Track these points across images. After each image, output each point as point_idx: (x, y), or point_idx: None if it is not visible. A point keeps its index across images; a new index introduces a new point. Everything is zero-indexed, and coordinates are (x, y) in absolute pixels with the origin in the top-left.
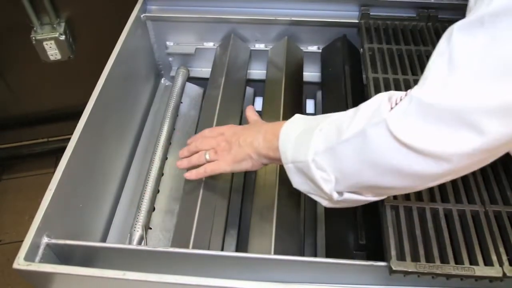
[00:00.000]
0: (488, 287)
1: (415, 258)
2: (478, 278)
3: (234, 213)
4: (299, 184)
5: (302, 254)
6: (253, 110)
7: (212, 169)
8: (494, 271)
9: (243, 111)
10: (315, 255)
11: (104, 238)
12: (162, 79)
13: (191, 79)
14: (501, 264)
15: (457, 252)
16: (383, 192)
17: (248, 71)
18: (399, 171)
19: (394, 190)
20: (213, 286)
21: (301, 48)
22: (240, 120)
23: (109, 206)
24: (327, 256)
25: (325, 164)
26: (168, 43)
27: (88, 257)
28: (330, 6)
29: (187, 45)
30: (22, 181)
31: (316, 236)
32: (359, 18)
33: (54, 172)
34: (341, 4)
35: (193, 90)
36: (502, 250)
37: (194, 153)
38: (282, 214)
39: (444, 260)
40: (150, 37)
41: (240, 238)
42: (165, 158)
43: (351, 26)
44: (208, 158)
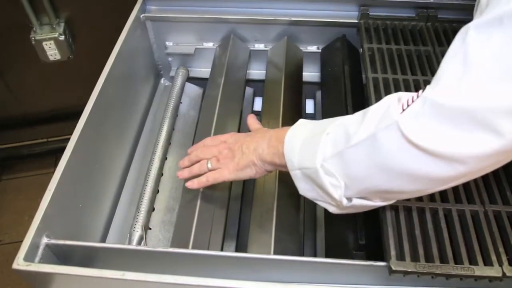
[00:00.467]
0: (487, 287)
1: (415, 258)
2: (477, 278)
3: (233, 213)
4: (306, 191)
5: (302, 254)
6: (254, 119)
7: (214, 177)
8: (494, 271)
9: (243, 111)
10: (315, 255)
11: (103, 239)
12: (162, 79)
13: (191, 79)
14: (500, 264)
15: (456, 252)
16: (393, 196)
17: (247, 71)
18: (412, 175)
19: (404, 194)
20: (212, 286)
21: (300, 48)
22: (239, 120)
23: (108, 206)
24: (327, 256)
25: (333, 169)
26: (167, 43)
27: (87, 257)
28: (330, 6)
29: (187, 45)
30: (22, 181)
31: (315, 236)
32: (359, 18)
33: (54, 172)
34: (340, 4)
35: (192, 90)
36: (501, 250)
37: (195, 162)
38: (282, 214)
39: (443, 260)
40: (149, 37)
41: (239, 238)
42: (164, 158)
43: (351, 26)
44: (210, 166)
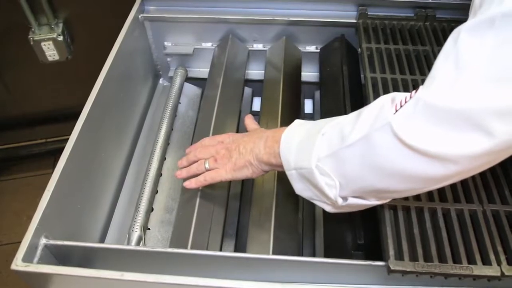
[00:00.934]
0: (486, 287)
1: (413, 257)
2: (476, 278)
3: (232, 213)
4: (302, 190)
5: (301, 254)
6: (252, 119)
7: (212, 177)
8: (492, 271)
9: (241, 111)
10: (314, 255)
11: (102, 239)
12: (160, 80)
13: (189, 80)
14: (499, 263)
15: (455, 251)
16: (387, 195)
17: (246, 71)
18: (405, 174)
19: (398, 193)
20: (211, 286)
21: (299, 48)
22: (238, 120)
23: (107, 206)
24: (326, 256)
25: (328, 169)
26: (166, 44)
27: (86, 258)
28: (328, 6)
29: (185, 45)
30: (21, 182)
31: (314, 236)
32: (357, 18)
33: (52, 173)
34: (339, 4)
35: (191, 90)
36: (500, 249)
37: (193, 162)
38: (281, 214)
39: (442, 259)
40: (148, 37)
41: (238, 237)
42: (163, 158)
43: (349, 26)
44: (208, 166)
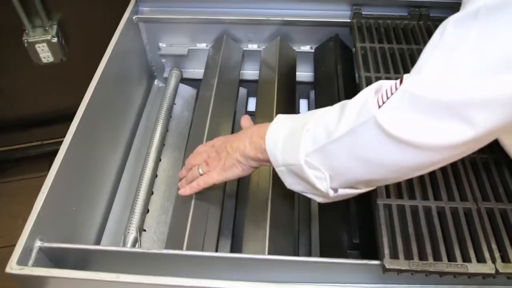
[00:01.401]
0: (481, 284)
1: (408, 256)
2: (471, 275)
3: (228, 212)
4: (293, 184)
5: (297, 254)
6: (248, 120)
7: (204, 181)
8: (487, 268)
9: (237, 112)
10: (310, 255)
11: (98, 241)
12: (155, 81)
13: (184, 80)
14: (493, 261)
15: (450, 249)
16: (375, 183)
17: (241, 72)
18: (393, 165)
19: (386, 181)
20: (206, 287)
21: (293, 48)
22: (233, 121)
23: (103, 208)
24: (321, 255)
25: (317, 163)
26: (160, 45)
27: (82, 260)
28: (322, 6)
29: (180, 46)
30: (16, 184)
31: (310, 235)
32: (351, 18)
33: None
34: (333, 3)
35: (186, 91)
36: (494, 246)
37: (190, 171)
38: (276, 214)
39: (437, 257)
40: (142, 38)
41: (235, 237)
42: (158, 159)
43: (343, 26)
44: (201, 172)
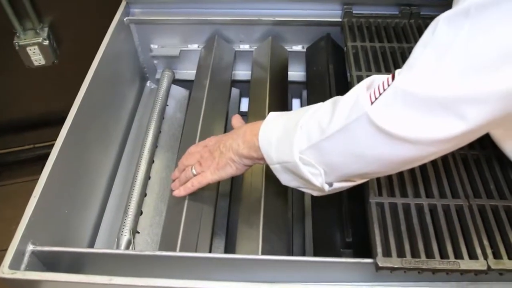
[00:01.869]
0: (473, 280)
1: (401, 254)
2: (463, 272)
3: (222, 213)
4: (288, 181)
5: (291, 253)
6: (239, 119)
7: (198, 181)
8: (479, 264)
9: (229, 112)
10: (304, 253)
11: (91, 244)
12: (148, 82)
13: (177, 82)
14: (485, 257)
15: (442, 246)
16: (370, 176)
17: (233, 72)
18: (387, 159)
19: (381, 173)
20: None
21: (285, 48)
22: (225, 121)
23: (96, 211)
24: (315, 254)
25: (311, 159)
26: (152, 46)
27: (75, 263)
28: (313, 5)
29: (172, 47)
30: (9, 188)
31: (304, 233)
32: (342, 17)
33: None
34: (324, 3)
35: (178, 92)
36: (486, 243)
37: (183, 172)
38: (269, 213)
39: (429, 255)
40: (134, 40)
41: (229, 236)
42: (151, 161)
43: (335, 25)
44: (194, 172)
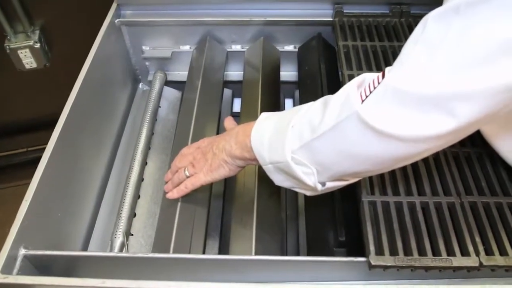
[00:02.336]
0: (466, 277)
1: (394, 252)
2: (455, 269)
3: (216, 214)
4: (281, 181)
5: (285, 253)
6: (231, 120)
7: (192, 183)
8: (471, 261)
9: (222, 113)
10: (298, 253)
11: (85, 246)
12: (140, 84)
13: (169, 83)
14: (477, 254)
15: (434, 244)
16: (362, 175)
17: (225, 73)
18: (378, 157)
19: (373, 172)
20: None
21: (277, 48)
22: (218, 122)
23: (89, 214)
24: (309, 254)
25: (304, 159)
26: (144, 48)
27: (68, 267)
28: (305, 5)
29: (163, 49)
30: (2, 192)
31: (298, 233)
32: (333, 16)
33: None
34: (315, 2)
35: (171, 94)
36: (478, 240)
37: (176, 173)
38: (262, 214)
39: (422, 252)
40: (125, 42)
41: (222, 239)
42: (144, 163)
43: (326, 24)
44: (187, 174)
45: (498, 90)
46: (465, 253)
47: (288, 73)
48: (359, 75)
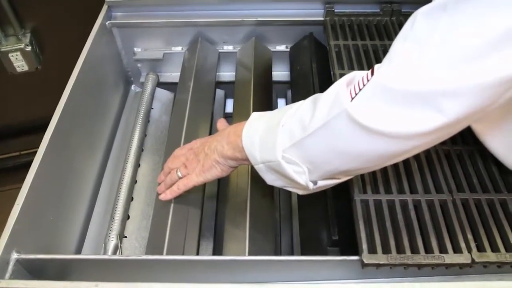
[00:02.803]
0: (458, 274)
1: (386, 250)
2: (448, 266)
3: (209, 214)
4: (273, 181)
5: (279, 253)
6: (224, 122)
7: (184, 184)
8: (463, 258)
9: (214, 114)
10: (292, 252)
11: (79, 250)
12: (132, 86)
13: (161, 84)
14: (469, 250)
15: (427, 241)
16: (354, 173)
17: (217, 74)
18: (369, 155)
19: (364, 169)
20: None
21: (269, 48)
22: (210, 123)
23: (82, 217)
24: (302, 253)
25: (294, 157)
26: (135, 49)
27: (62, 270)
28: (296, 5)
29: (155, 50)
30: None
31: (292, 233)
32: (324, 16)
33: None
34: (306, 2)
35: (163, 95)
36: (470, 237)
37: (168, 174)
38: (256, 214)
39: (414, 250)
40: (117, 44)
41: (216, 239)
42: (137, 165)
43: (317, 24)
44: (180, 175)
45: (486, 85)
46: (457, 250)
47: (280, 73)
48: (349, 73)
